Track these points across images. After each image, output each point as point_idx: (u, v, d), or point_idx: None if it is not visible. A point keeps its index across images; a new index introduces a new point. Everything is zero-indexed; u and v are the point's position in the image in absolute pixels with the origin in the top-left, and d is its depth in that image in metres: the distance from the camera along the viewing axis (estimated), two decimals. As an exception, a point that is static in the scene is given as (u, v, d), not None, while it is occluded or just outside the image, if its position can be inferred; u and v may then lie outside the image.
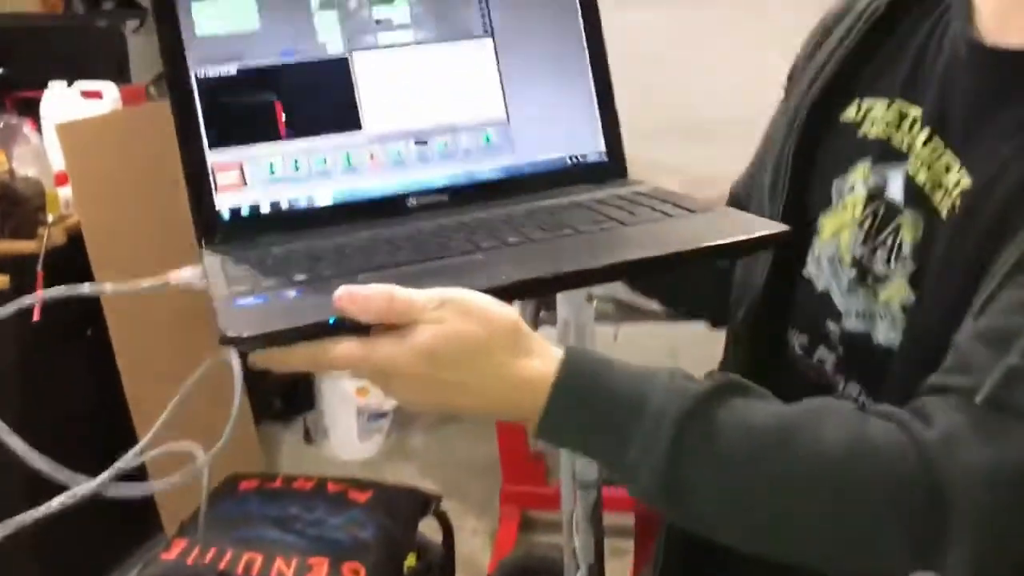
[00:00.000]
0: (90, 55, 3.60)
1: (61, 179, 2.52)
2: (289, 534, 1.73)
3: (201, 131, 0.85)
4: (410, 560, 1.87)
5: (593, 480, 1.58)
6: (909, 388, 0.72)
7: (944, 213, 0.78)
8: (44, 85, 2.81)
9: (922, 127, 0.83)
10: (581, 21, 0.95)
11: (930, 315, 0.77)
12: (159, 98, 3.21)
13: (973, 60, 0.79)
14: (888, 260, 0.83)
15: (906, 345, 0.80)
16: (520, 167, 0.93)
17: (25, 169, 2.45)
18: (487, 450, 3.25)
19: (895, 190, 0.84)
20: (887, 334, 0.83)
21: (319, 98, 0.87)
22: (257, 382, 3.34)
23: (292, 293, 0.73)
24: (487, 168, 0.92)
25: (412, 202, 0.90)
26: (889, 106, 0.87)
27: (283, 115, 0.86)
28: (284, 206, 0.88)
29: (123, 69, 3.62)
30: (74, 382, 2.61)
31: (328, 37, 0.87)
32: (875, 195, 0.86)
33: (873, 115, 0.88)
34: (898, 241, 0.82)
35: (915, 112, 0.84)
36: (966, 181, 0.76)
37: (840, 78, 0.91)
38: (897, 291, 0.82)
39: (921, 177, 0.81)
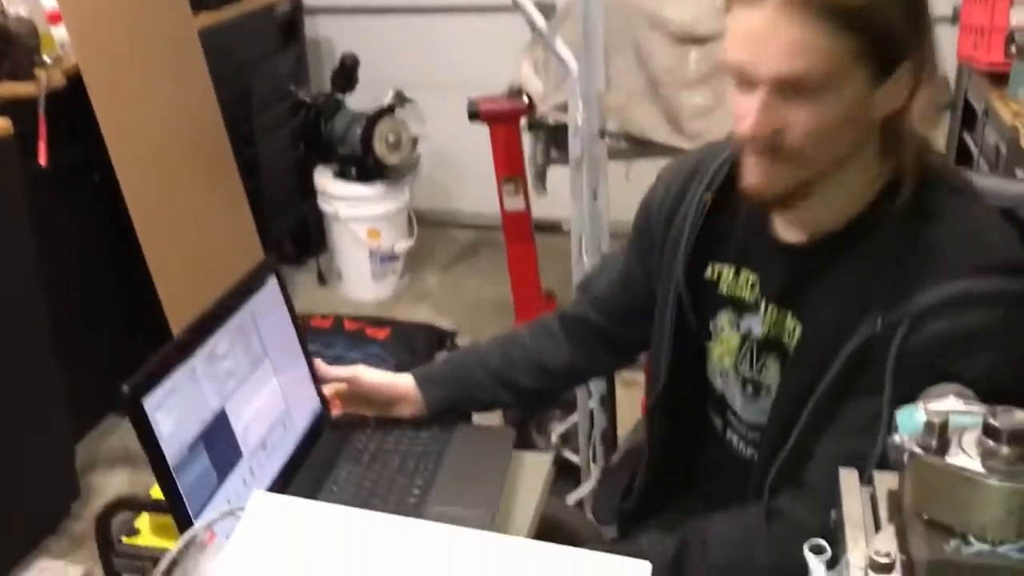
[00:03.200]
0: None
1: (54, 18, 2.44)
2: (309, 370, 1.75)
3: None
4: (427, 393, 1.90)
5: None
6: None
7: (791, 352, 1.09)
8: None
9: (762, 292, 1.12)
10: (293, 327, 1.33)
11: (775, 425, 1.11)
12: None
13: (780, 248, 1.10)
14: (758, 378, 1.16)
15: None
16: (301, 435, 1.30)
17: (16, 7, 2.37)
18: (499, 290, 3.26)
19: (756, 332, 1.14)
20: (759, 426, 1.17)
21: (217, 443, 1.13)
22: (269, 225, 3.36)
23: None
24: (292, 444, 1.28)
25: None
26: (736, 272, 1.16)
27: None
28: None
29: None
30: (85, 228, 2.61)
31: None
32: (746, 336, 1.15)
33: (724, 277, 1.17)
34: (763, 367, 1.15)
35: (754, 278, 1.14)
36: (799, 329, 1.08)
37: (696, 248, 1.18)
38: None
39: (770, 325, 1.12)
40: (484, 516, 1.17)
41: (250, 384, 1.20)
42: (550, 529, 1.86)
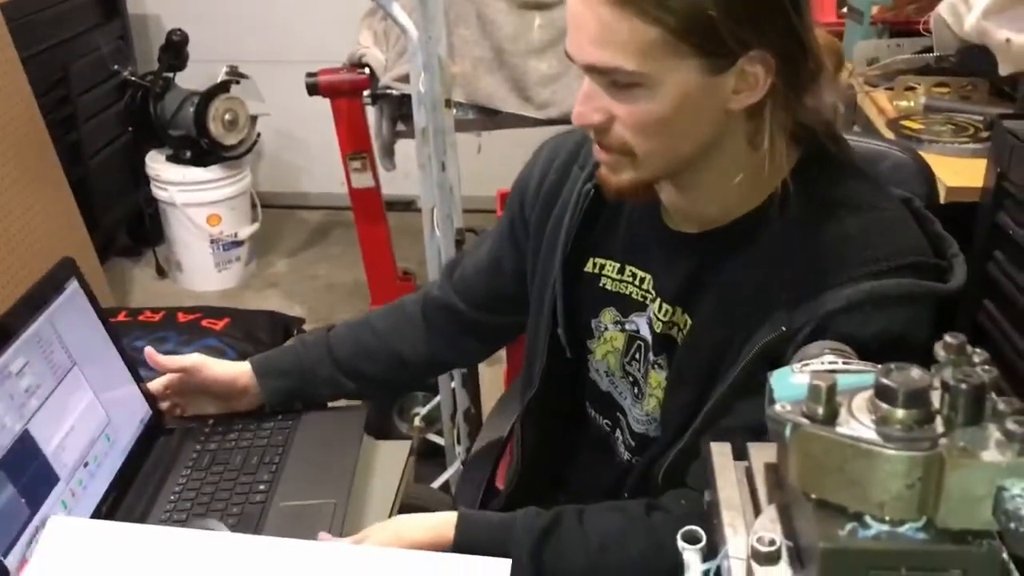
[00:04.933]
0: None
1: None
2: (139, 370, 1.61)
3: None
4: (275, 386, 1.79)
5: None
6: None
7: (680, 351, 1.04)
8: None
9: (653, 288, 1.06)
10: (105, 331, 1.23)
11: (663, 426, 1.07)
12: None
13: (670, 240, 1.04)
14: (647, 378, 1.10)
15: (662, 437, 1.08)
16: (129, 446, 1.21)
17: None
18: (353, 273, 3.15)
19: (645, 332, 1.08)
20: (648, 426, 1.12)
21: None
22: (99, 216, 3.13)
23: None
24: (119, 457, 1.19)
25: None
26: (621, 269, 1.09)
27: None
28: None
29: None
30: None
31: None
32: (634, 335, 1.10)
33: (607, 272, 1.10)
34: (654, 366, 1.08)
35: (642, 273, 1.08)
36: (691, 327, 1.02)
37: (577, 240, 1.10)
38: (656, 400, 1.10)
39: (661, 323, 1.05)
40: (335, 507, 1.11)
41: (57, 399, 1.09)
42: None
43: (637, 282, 1.08)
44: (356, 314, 1.39)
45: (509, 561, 0.76)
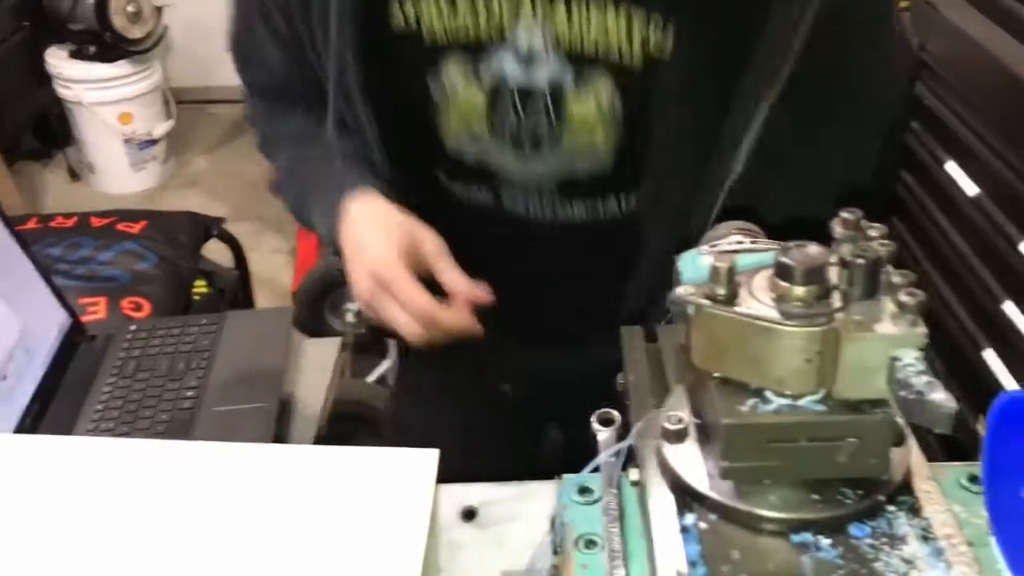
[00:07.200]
0: None
1: None
2: (55, 278, 1.57)
3: None
4: (199, 286, 1.76)
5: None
6: None
7: (637, 62, 0.79)
8: None
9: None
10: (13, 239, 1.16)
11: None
12: None
13: None
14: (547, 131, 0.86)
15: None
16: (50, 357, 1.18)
17: None
18: (275, 167, 3.07)
19: (518, 75, 0.83)
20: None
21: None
22: (1, 119, 2.98)
23: None
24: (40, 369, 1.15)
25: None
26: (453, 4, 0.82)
27: None
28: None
29: None
30: None
31: None
32: (499, 86, 0.84)
33: (428, 14, 0.83)
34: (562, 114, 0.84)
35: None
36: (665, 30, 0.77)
37: None
38: (585, 143, 0.85)
39: (586, 49, 0.80)
40: (266, 409, 1.10)
41: (-37, 314, 1.05)
42: (349, 411, 1.80)
43: (484, 7, 0.82)
44: (280, 211, 1.34)
45: (436, 452, 0.76)
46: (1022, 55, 1.17)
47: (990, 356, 1.23)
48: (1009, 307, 1.19)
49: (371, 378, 2.18)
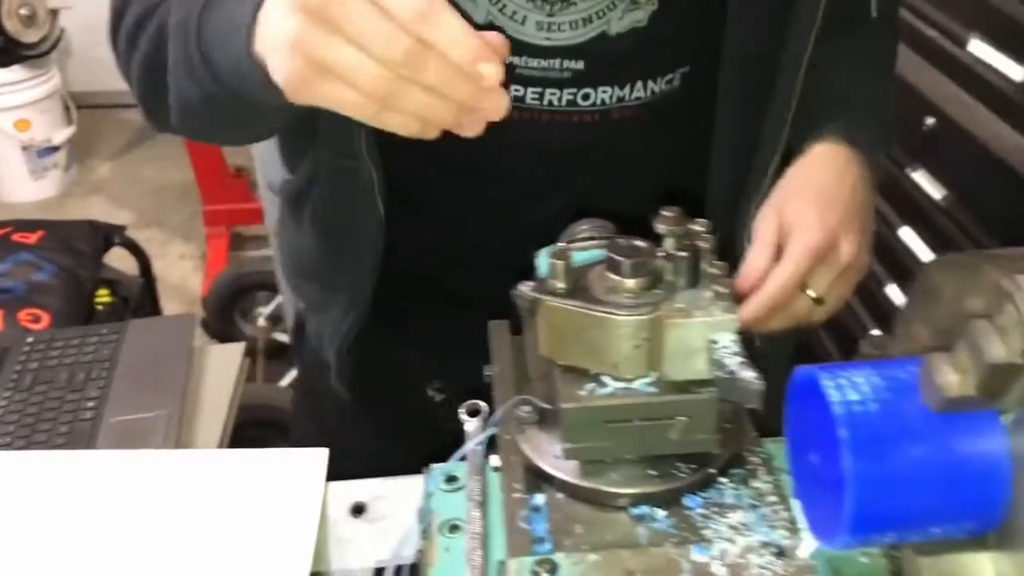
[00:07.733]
0: None
1: None
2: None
3: None
4: (102, 296, 1.74)
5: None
6: None
7: None
8: None
9: None
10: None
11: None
12: None
13: None
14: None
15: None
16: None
17: None
18: (182, 174, 3.04)
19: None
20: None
21: None
22: None
23: None
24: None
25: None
26: None
27: None
28: None
29: None
30: None
31: None
32: None
33: None
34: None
35: None
36: None
37: None
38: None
39: None
40: (169, 417, 1.10)
41: None
42: (260, 416, 1.80)
43: None
44: (187, 217, 1.35)
45: (326, 451, 0.79)
46: None
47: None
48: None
49: (284, 382, 2.18)
